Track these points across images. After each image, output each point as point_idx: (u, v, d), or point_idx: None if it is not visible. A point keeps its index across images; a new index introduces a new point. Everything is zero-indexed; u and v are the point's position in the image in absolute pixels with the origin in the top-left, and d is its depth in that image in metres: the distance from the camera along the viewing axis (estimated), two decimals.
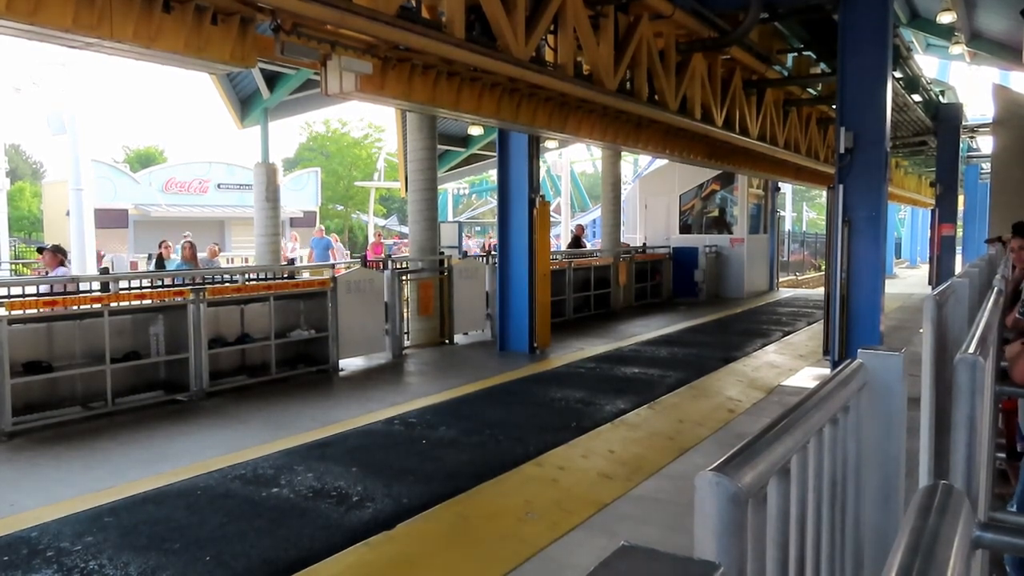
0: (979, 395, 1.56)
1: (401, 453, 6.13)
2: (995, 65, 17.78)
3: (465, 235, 20.24)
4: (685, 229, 19.95)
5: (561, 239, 29.81)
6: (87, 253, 17.90)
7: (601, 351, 11.05)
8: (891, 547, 0.79)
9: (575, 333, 12.88)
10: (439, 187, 14.22)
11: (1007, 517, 2.60)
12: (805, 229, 48.46)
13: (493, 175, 12.56)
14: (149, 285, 8.80)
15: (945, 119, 18.17)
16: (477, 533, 4.66)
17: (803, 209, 57.89)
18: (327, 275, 10.01)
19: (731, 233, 19.72)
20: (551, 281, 11.61)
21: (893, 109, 11.06)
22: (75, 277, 8.42)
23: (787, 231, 33.43)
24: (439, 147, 13.96)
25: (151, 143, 50.57)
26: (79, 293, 7.79)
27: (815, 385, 1.37)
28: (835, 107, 9.18)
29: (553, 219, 25.50)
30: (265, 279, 9.92)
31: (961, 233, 22.19)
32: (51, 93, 21.90)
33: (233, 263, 21.32)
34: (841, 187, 8.74)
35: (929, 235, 19.75)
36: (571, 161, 39.12)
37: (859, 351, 1.64)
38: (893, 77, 10.60)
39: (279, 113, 16.18)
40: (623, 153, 18.70)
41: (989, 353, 2.00)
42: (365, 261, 11.69)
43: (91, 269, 16.62)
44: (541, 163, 14.29)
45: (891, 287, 16.58)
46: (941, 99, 18.58)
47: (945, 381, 2.04)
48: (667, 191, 20.08)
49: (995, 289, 2.85)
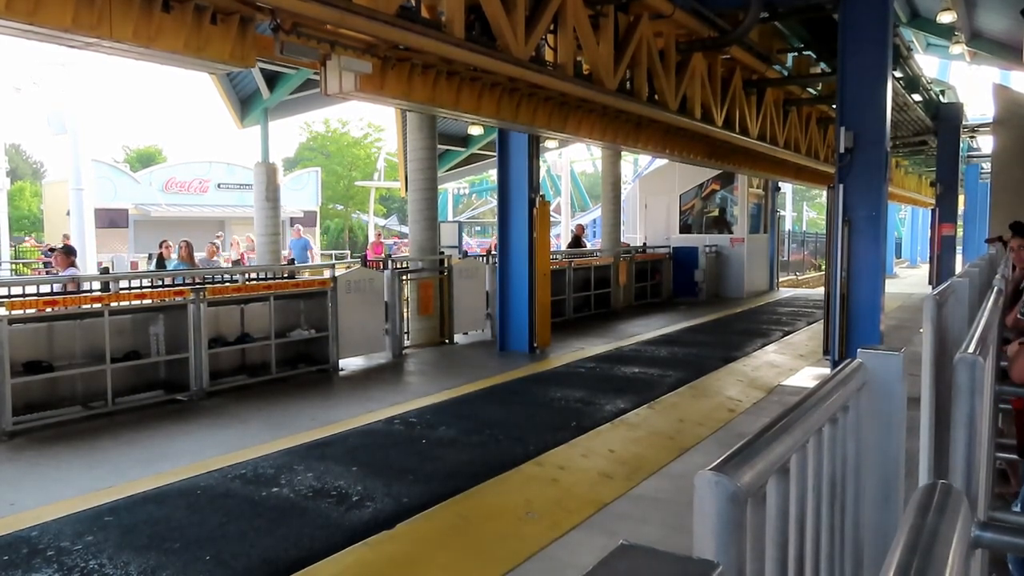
0: (979, 395, 1.56)
1: (401, 453, 6.13)
2: (995, 65, 17.78)
3: (466, 235, 20.35)
4: (685, 229, 19.95)
5: (561, 239, 29.82)
6: (87, 252, 17.93)
7: (601, 351, 11.05)
8: (890, 546, 0.79)
9: (575, 333, 12.88)
10: (439, 187, 14.22)
11: (1007, 517, 2.60)
12: (805, 229, 48.48)
13: (493, 175, 12.56)
14: (149, 285, 8.81)
15: (945, 119, 18.17)
16: (477, 533, 4.66)
17: (803, 209, 57.90)
18: (327, 275, 10.01)
19: (731, 233, 19.72)
20: (551, 281, 11.61)
21: (893, 109, 11.06)
22: (75, 277, 8.41)
23: (787, 231, 33.43)
24: (439, 147, 13.96)
25: (151, 143, 50.56)
26: (79, 293, 7.79)
27: (815, 385, 1.37)
28: (835, 107, 9.18)
29: (553, 219, 25.51)
30: (265, 279, 9.92)
31: (961, 233, 22.18)
32: (51, 93, 21.94)
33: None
34: (841, 187, 8.75)
35: (929, 235, 19.74)
36: (571, 161, 39.14)
37: (859, 351, 1.64)
38: (893, 77, 10.61)
39: (279, 113, 16.19)
40: (623, 153, 18.69)
41: (989, 353, 2.00)
42: (365, 261, 11.69)
43: (92, 269, 16.63)
44: (541, 163, 14.29)
45: (891, 287, 16.57)
46: (941, 99, 18.58)
47: (945, 381, 2.04)
48: (667, 191, 20.08)
49: (995, 289, 2.85)
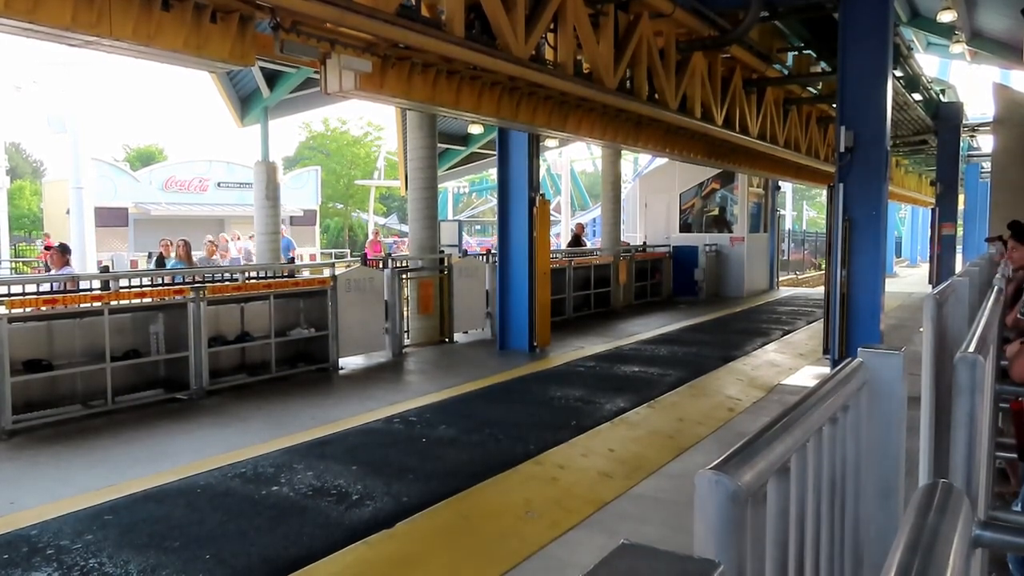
0: (979, 394, 1.56)
1: (401, 452, 6.13)
2: (996, 64, 17.76)
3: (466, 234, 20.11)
4: (685, 228, 19.94)
5: (561, 238, 29.82)
6: (87, 251, 17.93)
7: (601, 350, 11.05)
8: (891, 546, 0.79)
9: (575, 332, 12.88)
10: (439, 186, 14.22)
11: (1007, 516, 2.60)
12: (805, 228, 48.48)
13: (493, 174, 12.55)
14: (149, 284, 8.81)
15: (945, 118, 18.16)
16: (477, 532, 4.66)
17: (803, 208, 57.89)
18: (327, 274, 10.01)
19: (731, 232, 19.72)
20: (551, 280, 11.61)
21: (893, 108, 11.05)
22: (75, 276, 8.41)
23: (787, 230, 33.43)
24: (439, 145, 13.95)
25: (151, 142, 50.50)
26: (79, 291, 7.79)
27: (815, 384, 1.37)
28: (835, 106, 9.18)
29: (553, 218, 25.49)
30: (265, 277, 9.92)
31: (961, 232, 22.17)
32: (52, 92, 21.94)
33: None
34: (841, 186, 8.74)
35: (929, 234, 19.73)
36: (571, 160, 39.13)
37: (859, 350, 1.64)
38: (893, 76, 10.60)
39: (279, 112, 16.19)
40: (623, 152, 18.69)
41: (989, 352, 2.00)
42: (365, 259, 11.68)
43: (91, 268, 16.63)
44: (541, 162, 14.28)
45: (891, 286, 16.56)
46: (941, 98, 18.58)
47: (945, 380, 2.04)
48: (667, 190, 20.07)
49: (995, 288, 2.85)
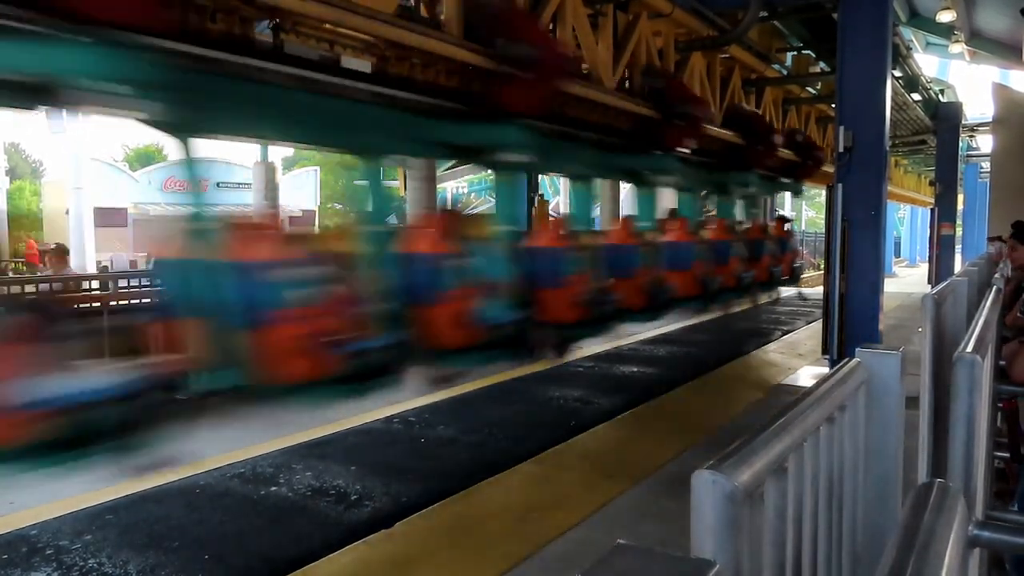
0: (977, 393, 1.56)
1: (400, 452, 6.13)
2: (995, 64, 17.77)
3: None
4: None
5: None
6: (87, 251, 17.89)
7: (600, 350, 11.04)
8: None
9: None
10: (438, 186, 14.21)
11: (1005, 516, 2.60)
12: (804, 228, 48.44)
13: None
14: (148, 284, 8.79)
15: (944, 118, 18.16)
16: (476, 532, 4.66)
17: (802, 208, 57.84)
18: None
19: None
20: None
21: (892, 108, 11.05)
22: (75, 276, 8.41)
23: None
24: None
25: (150, 142, 50.40)
26: (79, 291, 7.78)
27: (813, 384, 1.37)
28: (834, 106, 9.18)
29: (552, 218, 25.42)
30: None
31: (960, 232, 22.18)
32: None
33: None
34: (840, 186, 8.74)
35: (928, 234, 19.73)
36: None
37: (857, 350, 1.64)
38: (892, 76, 10.61)
39: None
40: None
41: (988, 352, 2.00)
42: None
43: (91, 268, 16.61)
44: None
45: (890, 286, 16.55)
46: (940, 98, 18.59)
47: (944, 380, 2.04)
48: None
49: (994, 288, 2.85)
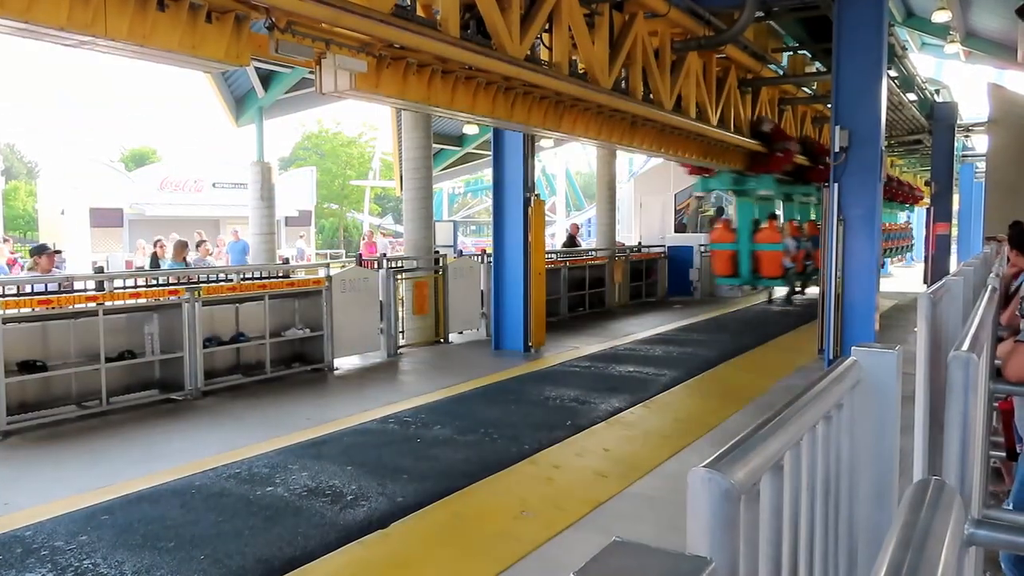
0: (972, 392, 1.56)
1: (396, 452, 6.12)
2: (990, 64, 17.82)
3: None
4: (680, 228, 19.95)
5: (556, 238, 29.82)
6: (82, 252, 17.85)
7: (596, 350, 11.05)
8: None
9: (570, 332, 12.88)
10: (434, 186, 14.22)
11: (1001, 515, 2.60)
12: None
13: (488, 174, 12.53)
14: (144, 284, 8.78)
15: (940, 118, 18.23)
16: (472, 532, 4.66)
17: None
18: (322, 274, 10.00)
19: None
20: (546, 280, 11.60)
21: (888, 108, 11.08)
22: (70, 276, 8.39)
23: None
24: (434, 146, 13.95)
25: (146, 142, 50.35)
26: (74, 292, 7.76)
27: (809, 382, 1.37)
28: (830, 106, 9.20)
29: (548, 218, 25.52)
30: (260, 278, 9.90)
31: (956, 232, 22.23)
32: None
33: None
34: (836, 186, 8.77)
35: (924, 234, 19.79)
36: (566, 160, 39.15)
37: (853, 348, 1.64)
38: (888, 76, 10.63)
39: (274, 112, 16.15)
40: (618, 152, 18.71)
41: (983, 350, 2.01)
42: (360, 260, 11.67)
43: (86, 269, 16.57)
44: (536, 162, 14.28)
45: (886, 285, 16.62)
46: (936, 98, 18.65)
47: (939, 379, 2.04)
48: (662, 190, 20.09)
49: (989, 287, 2.86)
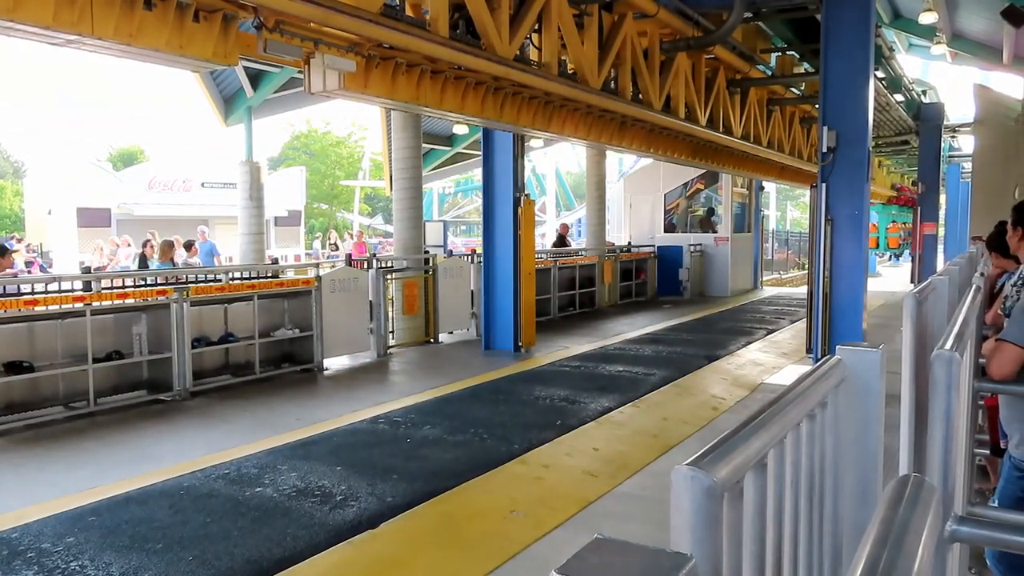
0: (955, 390, 1.58)
1: (386, 452, 6.11)
2: (976, 65, 17.92)
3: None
4: (670, 228, 19.99)
5: (546, 238, 29.84)
6: (69, 252, 17.72)
7: (586, 349, 11.07)
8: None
9: (560, 332, 12.90)
10: (424, 186, 14.21)
11: (985, 511, 2.63)
12: (789, 228, 48.73)
13: (478, 174, 12.54)
14: (132, 284, 8.74)
15: (927, 118, 18.34)
16: (462, 531, 4.66)
17: (787, 208, 58.22)
18: (311, 274, 9.98)
19: (716, 232, 19.78)
20: (536, 280, 11.61)
21: (875, 108, 11.15)
22: (56, 276, 8.34)
23: (771, 230, 33.57)
24: (424, 146, 13.94)
25: (134, 142, 50.07)
26: (60, 292, 7.72)
27: (793, 381, 1.38)
28: (818, 106, 9.24)
29: (538, 218, 25.51)
30: (249, 278, 9.87)
31: (943, 232, 22.37)
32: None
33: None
34: (824, 186, 8.81)
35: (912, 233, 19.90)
36: (556, 160, 39.18)
37: (837, 347, 1.66)
38: (875, 76, 10.69)
39: (263, 111, 16.11)
40: (608, 152, 18.75)
41: (966, 349, 2.03)
42: (350, 260, 11.65)
43: (73, 268, 16.43)
44: (526, 162, 14.30)
45: (874, 285, 16.67)
46: (923, 99, 18.75)
47: (924, 377, 2.06)
48: (652, 190, 20.12)
49: (974, 286, 2.88)
